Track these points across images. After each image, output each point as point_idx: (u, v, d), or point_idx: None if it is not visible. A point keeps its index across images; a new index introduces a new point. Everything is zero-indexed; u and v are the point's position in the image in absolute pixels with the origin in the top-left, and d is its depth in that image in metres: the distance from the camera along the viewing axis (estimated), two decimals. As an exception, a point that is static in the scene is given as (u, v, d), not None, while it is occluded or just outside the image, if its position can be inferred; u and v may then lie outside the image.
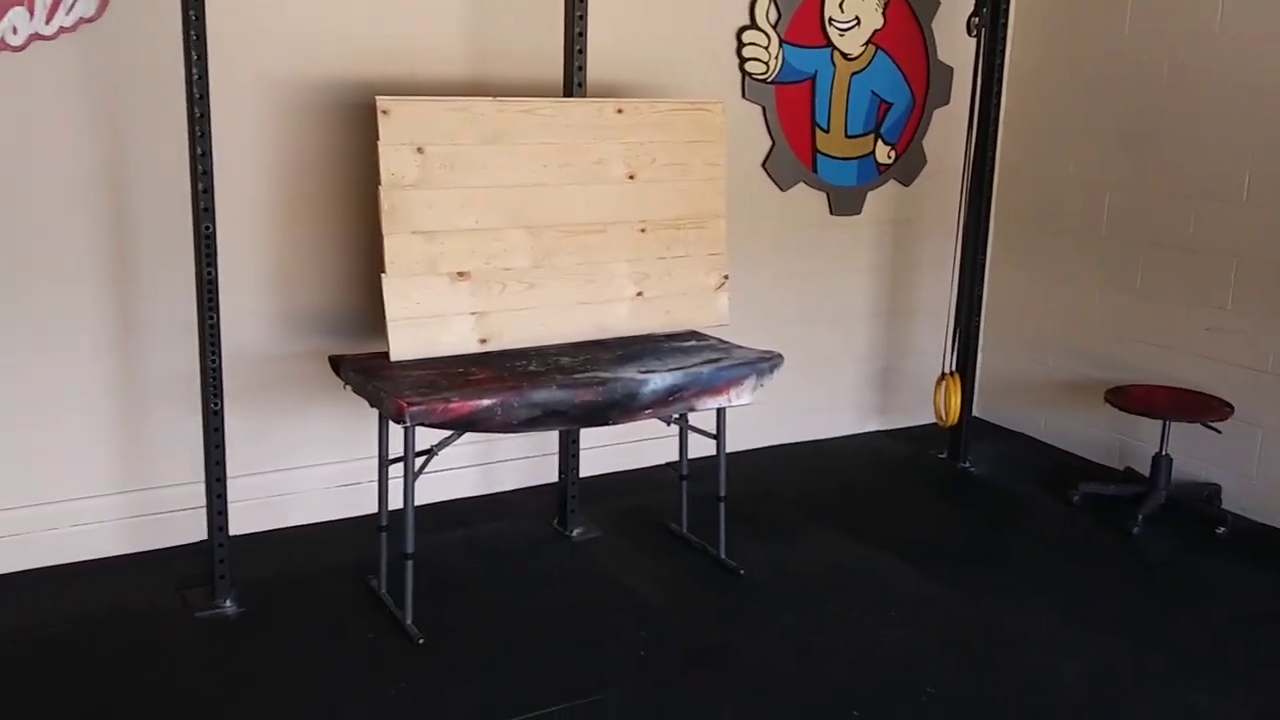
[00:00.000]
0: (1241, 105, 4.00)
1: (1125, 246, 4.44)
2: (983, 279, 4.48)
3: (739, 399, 3.35)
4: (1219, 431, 3.99)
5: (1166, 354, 4.32)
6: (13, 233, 3.17)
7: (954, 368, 4.40)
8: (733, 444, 4.31)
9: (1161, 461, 4.02)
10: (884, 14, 4.45)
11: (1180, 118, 4.20)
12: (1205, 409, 4.00)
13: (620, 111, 3.51)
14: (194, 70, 2.88)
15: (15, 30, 3.09)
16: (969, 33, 4.20)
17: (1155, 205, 4.32)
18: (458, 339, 3.26)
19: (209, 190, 2.95)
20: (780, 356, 3.43)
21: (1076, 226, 4.63)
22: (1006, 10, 4.23)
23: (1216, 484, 4.12)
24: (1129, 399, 4.12)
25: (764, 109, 4.30)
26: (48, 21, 3.13)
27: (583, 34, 3.48)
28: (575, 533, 3.78)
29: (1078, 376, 4.66)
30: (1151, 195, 4.33)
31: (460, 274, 3.25)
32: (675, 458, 3.78)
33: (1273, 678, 2.99)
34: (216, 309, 3.03)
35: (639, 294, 3.58)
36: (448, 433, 3.06)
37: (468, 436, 3.64)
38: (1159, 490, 4.00)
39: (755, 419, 4.51)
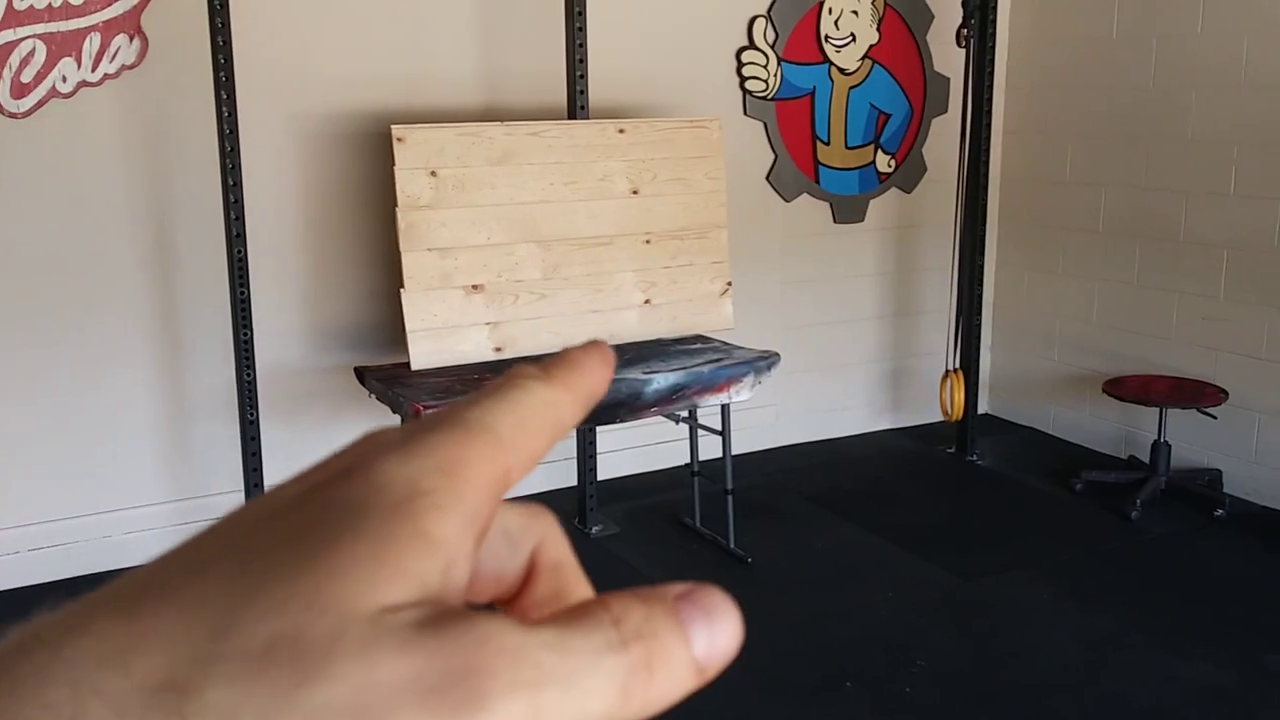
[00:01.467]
0: (1224, 101, 4.15)
1: (1122, 242, 4.59)
2: (982, 279, 4.64)
3: (739, 395, 3.55)
4: (1214, 417, 4.12)
5: (1166, 344, 4.45)
6: (67, 264, 3.46)
7: (957, 365, 4.57)
8: (749, 444, 4.53)
9: (1160, 448, 4.16)
10: (879, 29, 4.65)
11: (1169, 116, 4.35)
12: (1200, 396, 4.13)
13: (622, 131, 3.74)
14: (224, 109, 3.16)
15: (65, 79, 3.39)
16: (958, 43, 4.39)
17: (1149, 201, 4.47)
18: (474, 348, 3.50)
19: (240, 218, 3.22)
20: (777, 355, 3.62)
21: (1076, 224, 4.78)
22: (994, 21, 4.41)
23: (1217, 469, 4.24)
24: (1126, 389, 4.26)
25: (765, 125, 4.51)
26: (94, 70, 3.43)
27: (583, 60, 3.72)
28: (594, 530, 3.99)
29: (1083, 370, 4.80)
30: (1145, 191, 4.48)
31: (474, 287, 3.49)
32: (692, 459, 3.98)
33: (1257, 646, 3.12)
34: (250, 327, 3.29)
35: (646, 301, 3.80)
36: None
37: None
38: (1159, 476, 4.13)
39: (770, 420, 4.70)
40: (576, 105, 3.74)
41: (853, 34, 4.59)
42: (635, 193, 3.76)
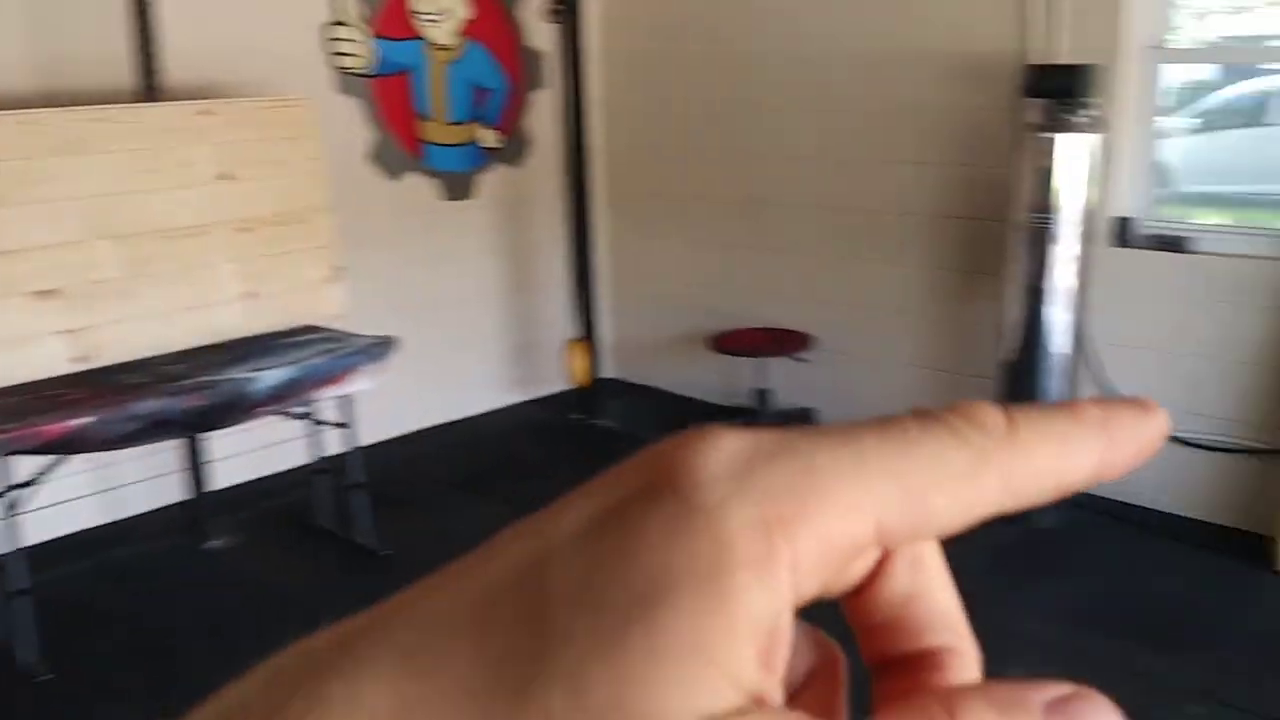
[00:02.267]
0: (791, 74, 4.49)
1: (720, 207, 4.87)
2: (592, 250, 4.77)
3: (359, 385, 3.42)
4: (807, 361, 4.49)
5: (767, 300, 4.79)
6: None
7: (580, 334, 4.68)
8: (380, 433, 4.39)
9: (764, 394, 4.48)
10: (473, 4, 4.62)
11: (749, 88, 4.65)
12: (791, 344, 4.49)
13: (205, 113, 3.47)
14: None
15: None
16: (546, 18, 4.45)
17: (740, 167, 4.76)
18: (48, 360, 3.13)
19: None
20: (394, 339, 3.53)
21: (678, 193, 5.02)
22: (580, -5, 4.52)
23: (808, 407, 4.63)
24: (730, 343, 4.55)
25: (363, 102, 4.36)
26: None
27: (154, 38, 3.41)
28: (214, 543, 3.73)
29: (696, 329, 5.06)
30: (735, 158, 4.77)
31: (44, 292, 3.12)
32: (317, 455, 3.80)
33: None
34: None
35: (249, 293, 3.57)
36: (52, 459, 2.95)
37: (84, 465, 3.51)
38: (763, 418, 4.46)
39: (400, 406, 4.59)
40: (149, 85, 3.43)
41: (444, 9, 4.53)
42: (226, 178, 3.52)
